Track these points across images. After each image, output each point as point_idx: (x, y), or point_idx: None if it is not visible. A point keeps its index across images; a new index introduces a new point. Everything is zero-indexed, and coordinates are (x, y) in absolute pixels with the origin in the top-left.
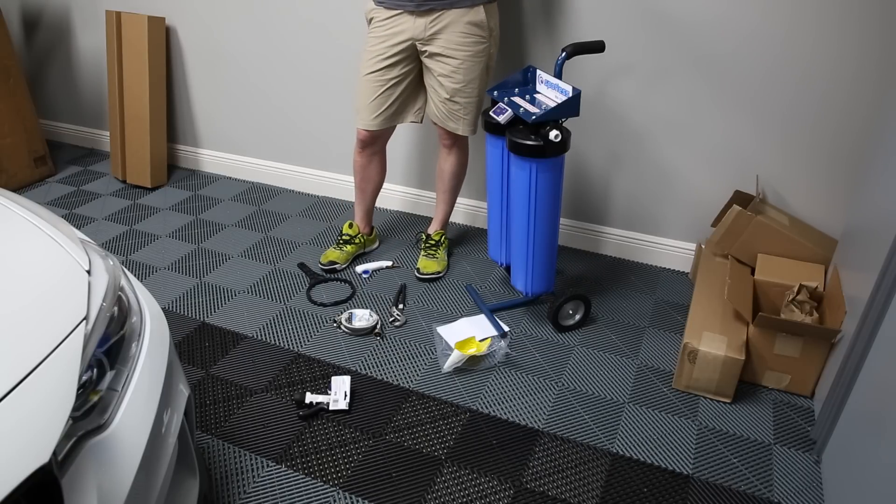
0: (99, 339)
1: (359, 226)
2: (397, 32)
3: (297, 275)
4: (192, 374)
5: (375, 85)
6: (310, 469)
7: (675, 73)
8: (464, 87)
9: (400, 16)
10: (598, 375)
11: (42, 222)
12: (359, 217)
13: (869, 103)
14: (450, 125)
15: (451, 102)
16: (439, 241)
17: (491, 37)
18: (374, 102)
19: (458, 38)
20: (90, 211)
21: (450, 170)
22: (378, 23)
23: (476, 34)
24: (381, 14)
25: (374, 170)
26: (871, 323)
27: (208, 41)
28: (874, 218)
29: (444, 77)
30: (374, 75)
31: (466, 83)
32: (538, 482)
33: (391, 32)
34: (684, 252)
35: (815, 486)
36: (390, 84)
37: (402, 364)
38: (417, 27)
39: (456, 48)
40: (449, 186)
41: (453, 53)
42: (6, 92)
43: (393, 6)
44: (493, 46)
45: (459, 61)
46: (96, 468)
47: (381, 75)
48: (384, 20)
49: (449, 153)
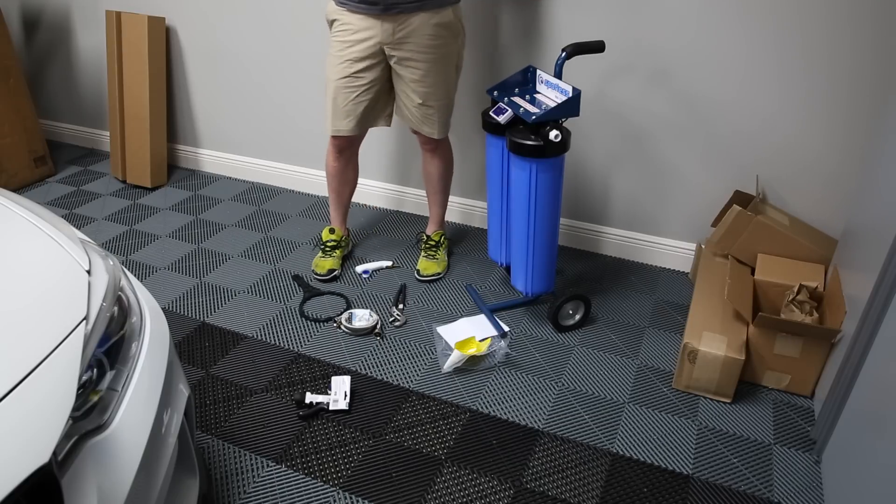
0: (99, 339)
1: (339, 229)
2: (364, 37)
3: (298, 274)
4: (192, 374)
5: (347, 91)
6: (310, 469)
7: (675, 73)
8: (436, 90)
9: (365, 19)
10: (598, 375)
11: (42, 222)
12: (338, 221)
13: (869, 103)
14: (425, 129)
15: (425, 107)
16: (439, 241)
17: (459, 37)
18: (348, 108)
19: (428, 41)
20: (90, 211)
21: (437, 172)
22: (342, 25)
23: (444, 36)
24: (344, 16)
25: (350, 173)
26: (871, 323)
27: (208, 41)
28: (874, 218)
29: (416, 82)
30: (345, 80)
31: (438, 86)
32: (538, 482)
33: (358, 37)
34: (684, 252)
35: (815, 486)
36: (363, 89)
37: (402, 364)
38: (385, 31)
39: (425, 51)
40: (439, 188)
41: (423, 57)
42: (6, 92)
43: (357, 9)
44: (462, 46)
45: (429, 65)
46: (96, 468)
47: (351, 81)
48: (348, 23)
49: (433, 156)
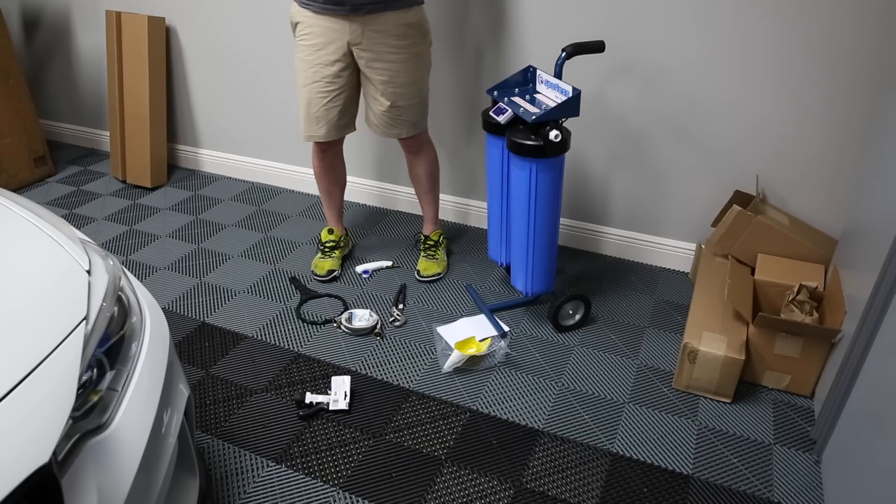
0: (99, 339)
1: (337, 230)
2: (332, 39)
3: (296, 275)
4: (192, 374)
5: (320, 96)
6: (310, 469)
7: (675, 73)
8: (406, 90)
9: (332, 20)
10: (598, 375)
11: (42, 222)
12: (335, 221)
13: (869, 103)
14: (393, 132)
15: (394, 108)
16: (438, 241)
17: (427, 36)
18: (319, 114)
19: (397, 41)
20: (90, 211)
21: (424, 172)
22: (308, 28)
23: (413, 36)
24: (309, 19)
25: (338, 172)
26: (871, 323)
27: (208, 41)
28: (874, 218)
29: (385, 84)
30: (316, 86)
31: (408, 86)
32: (538, 482)
33: (325, 40)
34: (684, 252)
35: (815, 486)
36: (335, 94)
37: (402, 364)
38: (353, 31)
39: (395, 51)
40: (428, 187)
41: (393, 58)
42: (6, 92)
43: (323, 10)
44: (430, 45)
45: (399, 65)
46: (96, 468)
47: (324, 86)
48: (314, 25)
49: (416, 157)
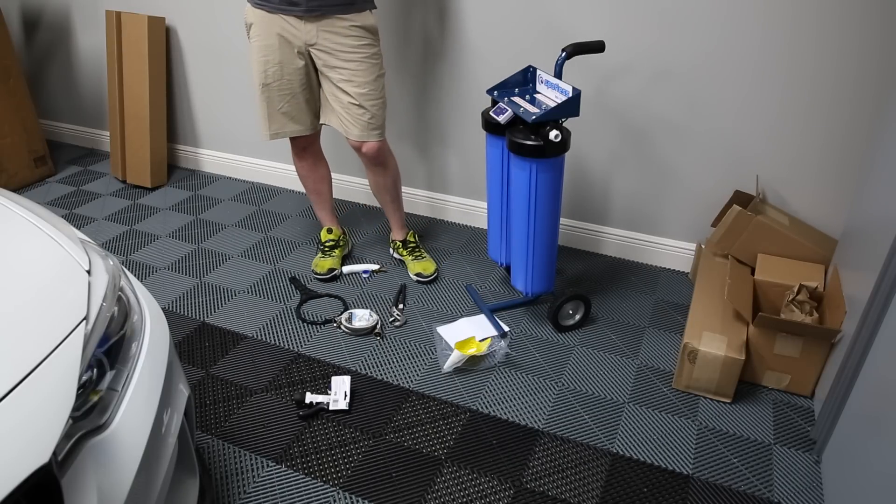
0: (99, 339)
1: (335, 229)
2: (288, 39)
3: (296, 275)
4: (192, 374)
5: (280, 95)
6: (310, 469)
7: (675, 73)
8: (368, 91)
9: (286, 20)
10: (598, 375)
11: (42, 222)
12: (329, 220)
13: (869, 103)
14: (354, 133)
15: (356, 107)
16: (416, 240)
17: (379, 40)
18: (288, 109)
19: (353, 42)
20: (90, 211)
21: (386, 183)
22: (261, 28)
23: (369, 38)
24: (263, 19)
25: (321, 170)
26: (871, 323)
27: (208, 41)
28: (874, 218)
29: (346, 82)
30: (277, 84)
31: (368, 86)
32: (538, 482)
33: (281, 40)
34: (684, 252)
35: (815, 486)
36: (298, 90)
37: (402, 364)
38: (308, 31)
39: (351, 51)
40: (392, 197)
41: (349, 57)
42: (6, 92)
43: (276, 9)
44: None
45: (356, 64)
46: (96, 468)
47: (285, 84)
48: (269, 24)
49: (385, 169)
